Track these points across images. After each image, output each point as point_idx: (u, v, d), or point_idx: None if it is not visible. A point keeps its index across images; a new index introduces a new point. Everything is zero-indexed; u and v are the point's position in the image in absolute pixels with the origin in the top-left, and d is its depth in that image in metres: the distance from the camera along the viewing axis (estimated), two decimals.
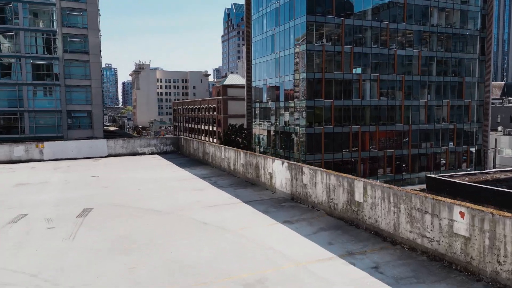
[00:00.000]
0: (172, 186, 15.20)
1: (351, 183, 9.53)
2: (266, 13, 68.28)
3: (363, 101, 61.21)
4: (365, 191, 9.03)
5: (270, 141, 68.60)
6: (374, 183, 8.80)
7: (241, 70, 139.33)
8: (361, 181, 9.24)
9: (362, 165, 61.99)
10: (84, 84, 46.41)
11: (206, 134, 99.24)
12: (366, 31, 60.91)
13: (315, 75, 57.70)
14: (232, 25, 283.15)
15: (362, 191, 9.13)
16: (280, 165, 12.96)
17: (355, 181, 9.42)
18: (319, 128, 58.43)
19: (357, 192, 9.30)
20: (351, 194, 9.50)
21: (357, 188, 9.28)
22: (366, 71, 61.36)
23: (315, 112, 58.24)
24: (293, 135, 61.02)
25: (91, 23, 46.33)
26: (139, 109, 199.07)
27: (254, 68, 74.13)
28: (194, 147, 22.69)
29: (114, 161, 23.04)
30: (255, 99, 73.90)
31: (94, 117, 46.87)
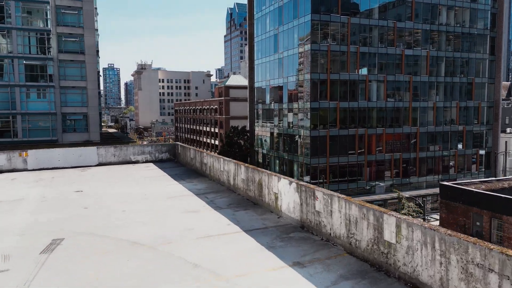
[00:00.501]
0: (163, 206, 13.25)
1: (379, 218, 7.55)
2: (269, 12, 66.30)
3: (370, 103, 59.17)
4: (399, 230, 7.05)
5: (273, 143, 66.64)
6: (412, 221, 6.81)
7: (244, 70, 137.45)
8: (392, 216, 7.25)
9: (368, 168, 59.93)
10: (79, 86, 44.57)
11: (208, 136, 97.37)
12: (372, 30, 58.84)
13: (320, 75, 55.71)
14: (234, 25, 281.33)
15: (394, 229, 7.15)
16: (287, 185, 10.97)
17: (385, 216, 7.44)
18: (324, 130, 56.42)
19: (387, 229, 7.32)
20: (379, 232, 7.52)
21: (388, 224, 7.30)
22: (372, 71, 59.30)
23: (319, 114, 56.24)
24: (297, 137, 59.03)
25: (87, 22, 44.48)
26: (141, 109, 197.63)
27: (256, 68, 72.17)
28: (191, 156, 20.74)
29: (104, 171, 21.12)
30: (257, 100, 71.95)
31: (90, 120, 45.01)
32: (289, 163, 61.23)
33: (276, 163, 65.95)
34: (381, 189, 60.57)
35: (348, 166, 58.50)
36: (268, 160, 68.22)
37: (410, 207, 56.34)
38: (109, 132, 64.11)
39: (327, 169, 56.78)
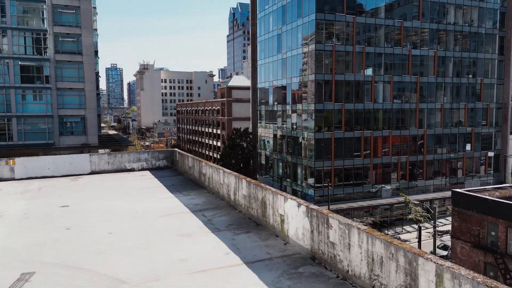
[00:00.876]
0: (154, 227, 11.80)
1: (412, 261, 6.07)
2: (273, 11, 64.82)
3: (375, 104, 57.61)
4: (440, 281, 5.57)
5: (276, 145, 65.18)
6: (458, 272, 5.33)
7: (246, 70, 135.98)
8: (431, 262, 5.76)
9: (374, 171, 58.37)
10: (77, 87, 43.25)
11: (210, 137, 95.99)
12: (378, 30, 57.27)
13: (324, 76, 54.19)
14: (237, 24, 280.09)
15: (433, 279, 5.67)
16: (294, 207, 9.50)
17: (420, 260, 5.95)
18: (329, 133, 54.91)
19: (423, 277, 5.84)
20: (413, 278, 6.04)
21: (424, 271, 5.82)
22: (378, 72, 57.73)
23: (324, 115, 54.73)
24: (301, 139, 57.55)
25: (85, 22, 43.14)
26: (143, 110, 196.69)
27: (259, 69, 70.72)
28: (190, 164, 19.30)
29: (96, 180, 19.71)
30: (260, 102, 70.49)
31: (88, 123, 43.67)
32: (293, 166, 59.76)
33: (279, 165, 64.50)
34: (387, 192, 59.00)
35: (353, 169, 56.97)
36: (271, 162, 66.78)
37: (418, 211, 54.75)
38: (109, 134, 62.85)
39: (332, 172, 55.26)
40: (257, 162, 71.89)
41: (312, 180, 54.94)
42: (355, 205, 54.91)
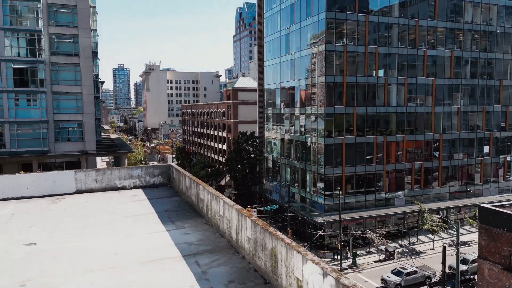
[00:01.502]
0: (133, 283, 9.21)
1: None
2: (280, 10, 62.11)
3: (389, 108, 54.70)
4: None
5: (283, 149, 62.47)
6: None
7: (253, 71, 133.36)
8: None
9: (387, 178, 55.46)
10: (74, 91, 40.91)
11: (216, 140, 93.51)
12: (392, 29, 54.33)
13: (335, 78, 51.41)
14: (244, 24, 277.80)
15: None
16: (318, 275, 6.82)
17: None
18: (339, 138, 52.10)
19: None
20: None
21: None
22: (391, 74, 54.81)
23: (335, 119, 51.93)
24: (310, 144, 54.80)
25: (82, 22, 40.79)
26: (149, 110, 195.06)
27: (266, 70, 68.06)
28: (186, 184, 16.70)
29: (80, 202, 17.18)
30: (267, 104, 67.83)
31: (85, 128, 41.32)
32: (301, 172, 57.02)
33: (287, 171, 61.79)
34: (401, 200, 56.04)
35: (365, 176, 54.11)
36: (278, 167, 64.10)
37: (433, 221, 51.78)
38: (111, 139, 60.53)
39: (342, 179, 52.45)
40: (264, 167, 69.25)
41: (322, 187, 52.19)
42: (367, 214, 52.05)
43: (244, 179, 63.07)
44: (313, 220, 50.15)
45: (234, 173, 63.86)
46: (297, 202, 57.54)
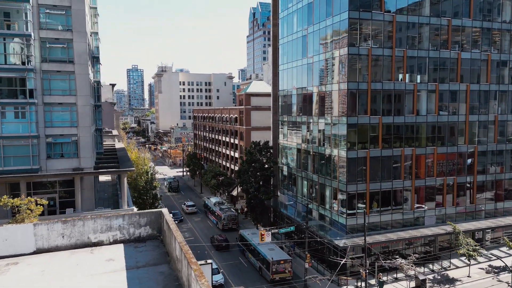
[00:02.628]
0: None
1: None
2: (297, 10, 57.12)
3: (418, 117, 49.28)
4: None
5: (300, 160, 57.46)
6: None
7: (267, 74, 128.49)
8: None
9: (416, 195, 50.03)
10: (68, 102, 36.63)
11: (227, 147, 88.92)
12: (422, 30, 48.90)
13: (358, 85, 46.25)
14: (257, 24, 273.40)
15: None
16: None
17: None
18: (363, 151, 46.90)
19: None
20: None
21: None
22: (421, 79, 49.38)
23: (358, 130, 46.76)
24: (330, 157, 49.71)
25: (77, 24, 36.50)
26: (161, 113, 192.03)
27: (281, 74, 63.16)
28: (177, 253, 11.99)
29: (34, 273, 12.61)
30: (282, 111, 62.90)
31: (81, 143, 37.03)
32: (320, 186, 51.96)
33: (303, 184, 56.78)
34: (431, 220, 50.51)
35: (391, 193, 48.78)
36: (294, 178, 59.12)
37: (469, 244, 46.21)
38: (114, 149, 56.30)
39: (367, 197, 47.24)
40: (278, 177, 64.35)
41: (344, 205, 47.05)
42: (394, 237, 46.67)
43: (257, 192, 58.27)
44: (334, 244, 45.06)
45: (246, 186, 59.11)
46: (315, 220, 52.50)
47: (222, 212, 66.16)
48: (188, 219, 72.27)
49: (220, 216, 65.70)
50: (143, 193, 59.28)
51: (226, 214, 65.33)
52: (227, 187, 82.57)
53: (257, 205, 59.42)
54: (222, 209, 67.73)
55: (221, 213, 65.70)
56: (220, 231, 64.92)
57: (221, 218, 65.16)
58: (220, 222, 65.66)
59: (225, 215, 64.96)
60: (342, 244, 43.94)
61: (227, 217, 64.93)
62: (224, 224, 64.73)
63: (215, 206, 69.69)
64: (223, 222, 64.65)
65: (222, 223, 64.90)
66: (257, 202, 59.01)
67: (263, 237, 40.40)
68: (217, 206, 69.37)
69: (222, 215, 65.06)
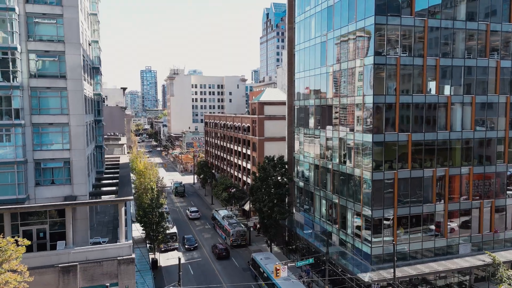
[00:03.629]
0: None
1: None
2: (315, 14, 52.29)
3: (452, 133, 44.04)
4: None
5: (318, 178, 52.62)
6: None
7: (281, 77, 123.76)
8: None
9: (449, 220, 44.77)
10: (59, 122, 32.55)
11: (239, 157, 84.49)
12: (457, 36, 43.63)
13: (386, 98, 41.27)
14: (271, 25, 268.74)
15: None
16: None
17: None
18: (391, 172, 41.90)
19: None
20: None
21: None
22: (456, 91, 44.12)
23: (385, 149, 41.77)
24: (352, 177, 44.82)
25: (70, 35, 32.38)
26: (173, 116, 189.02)
27: (297, 83, 58.38)
28: None
29: None
30: (299, 123, 58.13)
31: (74, 168, 32.94)
32: (341, 208, 47.08)
33: (321, 203, 51.95)
34: (466, 248, 45.19)
35: (422, 218, 43.64)
36: (311, 196, 54.33)
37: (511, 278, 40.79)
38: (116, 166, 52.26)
39: (394, 222, 42.23)
40: (294, 193, 59.57)
41: (369, 232, 42.12)
42: (425, 269, 41.48)
43: (271, 212, 53.59)
44: (357, 277, 40.16)
45: (259, 205, 54.46)
46: (335, 246, 47.62)
47: (230, 227, 63.44)
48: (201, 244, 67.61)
49: (228, 231, 63.16)
50: (149, 212, 55.13)
51: (235, 229, 62.56)
52: (239, 200, 78.15)
53: (271, 225, 54.77)
54: (231, 223, 64.86)
55: (229, 228, 63.02)
56: (229, 246, 62.10)
57: (229, 233, 62.51)
58: (228, 237, 63.04)
59: (234, 231, 62.26)
60: (367, 279, 39.02)
61: (236, 233, 62.31)
62: (233, 240, 62.09)
63: (224, 220, 66.81)
64: (232, 238, 62.05)
65: (230, 239, 62.23)
66: (271, 222, 54.36)
67: (278, 273, 35.78)
68: (225, 220, 66.45)
69: (230, 231, 62.38)
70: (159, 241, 56.66)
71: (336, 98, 47.63)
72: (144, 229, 56.74)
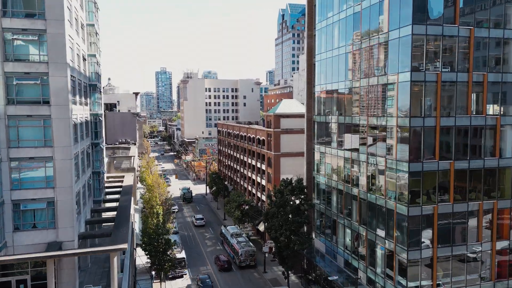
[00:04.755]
0: None
1: None
2: (339, 21, 46.51)
3: (502, 160, 37.75)
4: None
5: (342, 204, 46.85)
6: None
7: (297, 83, 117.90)
8: None
9: (496, 262, 38.52)
10: (41, 156, 27.70)
11: (253, 171, 79.10)
12: (508, 48, 37.40)
13: (424, 120, 35.31)
14: (286, 27, 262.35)
15: None
16: None
17: None
18: (430, 206, 35.89)
19: None
20: None
21: None
22: (506, 111, 37.86)
23: (423, 179, 35.82)
24: (382, 209, 39.00)
25: (55, 53, 27.44)
26: (186, 120, 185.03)
27: (318, 97, 52.71)
28: None
29: None
30: (319, 139, 52.41)
31: (59, 209, 28.04)
32: (369, 243, 41.24)
33: (346, 233, 46.18)
34: None
35: (465, 260, 37.51)
36: (333, 224, 48.61)
37: None
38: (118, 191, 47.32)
39: (433, 264, 36.24)
40: (313, 217, 53.85)
41: (403, 276, 36.22)
42: None
43: (289, 241, 48.03)
44: None
45: (275, 234, 48.94)
46: (362, 286, 41.82)
47: (239, 246, 59.89)
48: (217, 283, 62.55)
49: (237, 251, 59.48)
50: (154, 238, 50.18)
51: (243, 249, 58.94)
52: (253, 219, 72.79)
53: (288, 255, 49.22)
54: (239, 242, 61.28)
55: (238, 248, 59.45)
56: (237, 266, 59.02)
57: (238, 253, 58.89)
58: (237, 257, 59.41)
59: (243, 251, 58.71)
60: None
61: (245, 253, 58.81)
62: (242, 260, 58.48)
63: (232, 238, 63.27)
64: (240, 258, 58.56)
65: (239, 259, 58.62)
66: (288, 253, 48.81)
67: None
68: (234, 238, 62.87)
69: (239, 250, 58.81)
70: (166, 270, 51.72)
71: (363, 117, 41.79)
72: (148, 258, 51.84)
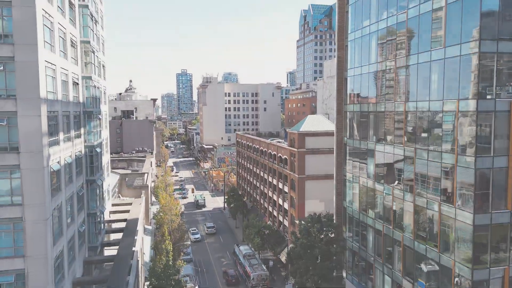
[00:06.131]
0: None
1: None
2: (377, 31, 39.27)
3: None
4: None
5: (380, 247, 39.62)
6: None
7: (321, 91, 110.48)
8: None
9: None
10: (8, 217, 21.80)
11: (274, 191, 72.35)
12: None
13: (493, 161, 27.88)
14: (308, 28, 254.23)
15: None
16: None
17: None
18: (500, 268, 28.46)
19: None
20: None
21: None
22: None
23: (491, 233, 28.43)
24: (434, 263, 31.69)
25: (24, 87, 21.43)
26: (205, 126, 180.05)
27: (351, 117, 45.59)
28: None
29: None
30: (352, 167, 45.23)
31: (30, 283, 22.11)
32: None
33: (385, 281, 38.93)
34: None
35: None
36: (368, 267, 41.47)
37: None
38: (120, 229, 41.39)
39: None
40: (345, 255, 46.64)
41: None
42: None
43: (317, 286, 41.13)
44: None
45: (301, 279, 42.08)
46: None
47: (251, 269, 56.11)
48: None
49: (249, 275, 55.39)
50: (162, 278, 44.05)
51: (256, 273, 55.19)
52: (274, 246, 66.06)
53: None
54: (252, 264, 57.33)
55: (250, 271, 55.71)
56: None
57: (250, 277, 55.22)
58: (249, 281, 55.78)
59: (255, 275, 54.94)
60: None
61: (257, 277, 54.98)
62: (253, 285, 54.69)
63: (245, 259, 59.18)
64: (253, 282, 54.81)
65: (251, 283, 54.97)
66: None
67: None
68: (246, 260, 58.74)
69: (251, 274, 54.95)
70: None
71: (410, 148, 34.50)
72: None
